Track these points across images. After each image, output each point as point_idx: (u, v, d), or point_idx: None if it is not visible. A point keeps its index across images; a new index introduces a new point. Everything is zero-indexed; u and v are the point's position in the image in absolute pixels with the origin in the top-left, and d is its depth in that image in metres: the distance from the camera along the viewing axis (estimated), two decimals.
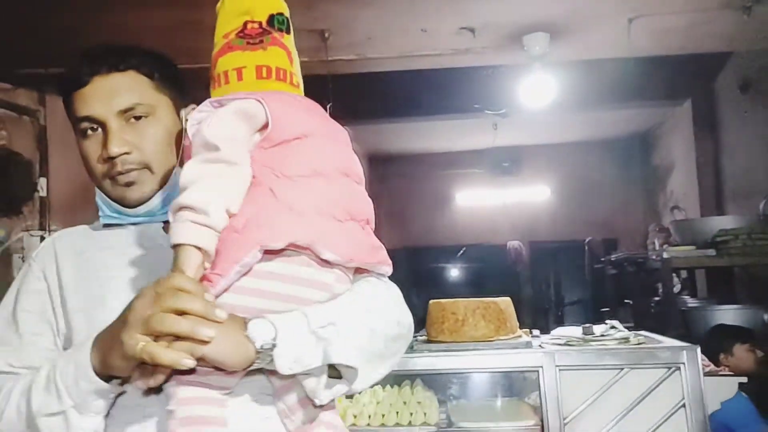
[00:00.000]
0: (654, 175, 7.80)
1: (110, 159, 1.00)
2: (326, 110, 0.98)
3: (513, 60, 2.57)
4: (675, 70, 5.64)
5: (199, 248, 0.83)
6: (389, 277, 1.03)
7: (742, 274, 4.91)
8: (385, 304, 0.99)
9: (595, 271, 6.98)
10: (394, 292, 1.03)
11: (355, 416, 2.13)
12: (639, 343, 2.09)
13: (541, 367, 2.02)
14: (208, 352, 0.80)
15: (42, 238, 3.52)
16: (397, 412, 2.11)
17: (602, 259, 6.17)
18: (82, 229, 1.11)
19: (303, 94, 0.99)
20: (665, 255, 4.39)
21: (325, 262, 0.90)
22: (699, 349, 1.98)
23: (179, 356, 0.79)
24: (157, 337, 0.80)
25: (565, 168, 8.69)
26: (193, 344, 0.80)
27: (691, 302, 4.80)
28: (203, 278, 0.83)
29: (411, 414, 2.10)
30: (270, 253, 0.86)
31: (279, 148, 0.87)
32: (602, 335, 2.17)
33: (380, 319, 0.96)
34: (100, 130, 1.02)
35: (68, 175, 3.68)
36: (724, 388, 2.66)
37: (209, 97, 0.93)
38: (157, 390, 0.88)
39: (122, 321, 0.83)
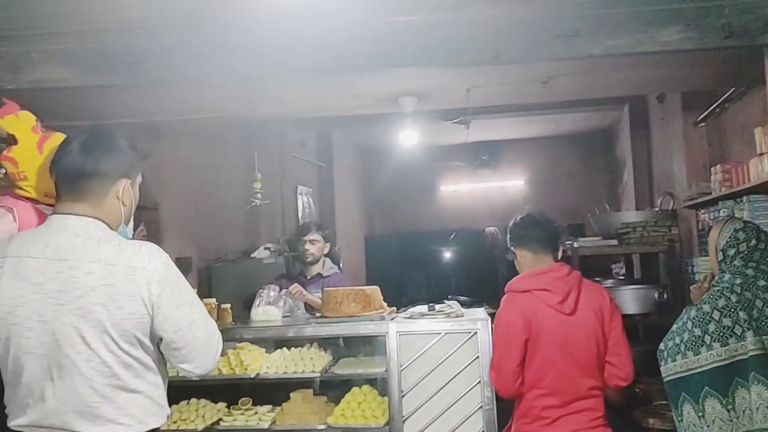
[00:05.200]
0: (616, 166, 8.58)
1: None
2: None
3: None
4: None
5: None
6: None
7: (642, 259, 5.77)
8: None
9: None
10: None
11: (268, 367, 3.14)
12: (456, 317, 3.05)
13: (387, 333, 2.99)
14: None
15: None
16: (296, 364, 3.12)
17: None
18: None
19: None
20: (575, 244, 5.28)
21: None
22: (489, 320, 2.93)
23: None
24: None
25: (537, 160, 9.52)
26: None
27: (605, 282, 5.68)
28: None
29: (305, 365, 3.11)
30: None
31: None
32: (438, 311, 3.14)
33: None
34: None
35: None
36: None
37: None
38: None
39: None
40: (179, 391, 3.27)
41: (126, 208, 1.82)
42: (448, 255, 10.14)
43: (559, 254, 2.66)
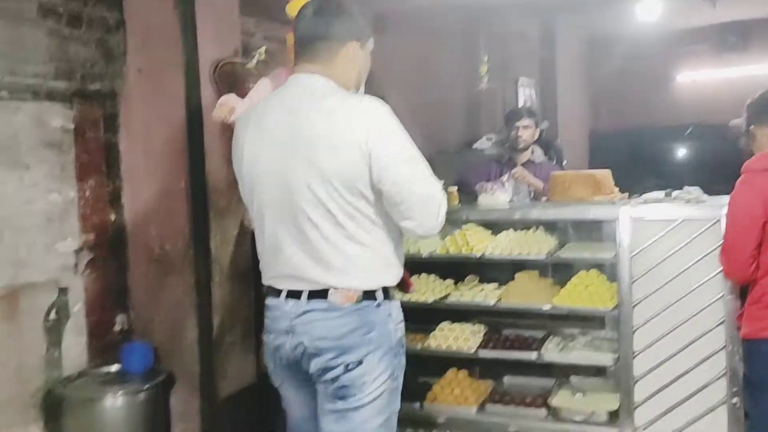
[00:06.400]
0: None
1: None
2: None
3: None
4: None
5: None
6: None
7: None
8: None
9: None
10: None
11: (493, 248, 3.22)
12: (697, 202, 2.83)
13: (618, 217, 2.88)
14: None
15: None
16: (521, 246, 3.16)
17: None
18: None
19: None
20: None
21: None
22: None
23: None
24: None
25: None
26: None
27: None
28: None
29: (530, 247, 3.14)
30: None
31: None
32: (675, 197, 2.94)
33: None
34: None
35: None
36: None
37: None
38: None
39: None
40: (410, 267, 3.51)
41: (355, 71, 1.92)
42: (683, 152, 9.30)
43: None
